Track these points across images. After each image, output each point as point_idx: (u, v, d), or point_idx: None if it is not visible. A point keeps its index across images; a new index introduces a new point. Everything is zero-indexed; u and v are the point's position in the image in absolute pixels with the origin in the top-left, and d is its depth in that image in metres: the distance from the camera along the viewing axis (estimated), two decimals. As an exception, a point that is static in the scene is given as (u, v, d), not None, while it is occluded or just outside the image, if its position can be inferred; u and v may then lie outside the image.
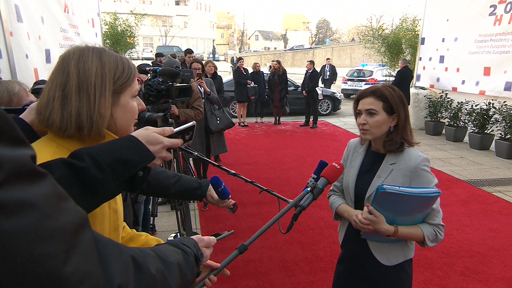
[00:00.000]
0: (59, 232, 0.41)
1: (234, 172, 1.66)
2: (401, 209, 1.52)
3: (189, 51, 6.83)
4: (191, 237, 0.93)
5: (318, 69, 10.12)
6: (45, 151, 0.87)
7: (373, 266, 1.67)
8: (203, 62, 6.06)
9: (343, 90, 16.48)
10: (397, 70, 11.41)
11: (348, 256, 1.81)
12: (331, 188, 1.91)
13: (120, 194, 1.07)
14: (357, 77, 16.84)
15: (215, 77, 6.53)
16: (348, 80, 16.93)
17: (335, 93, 12.67)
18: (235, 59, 19.08)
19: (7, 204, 0.36)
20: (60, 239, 0.41)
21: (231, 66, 25.97)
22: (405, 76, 9.80)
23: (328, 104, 12.41)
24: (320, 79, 13.14)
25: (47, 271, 0.39)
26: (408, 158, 1.62)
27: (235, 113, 10.45)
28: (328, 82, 15.33)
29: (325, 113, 12.33)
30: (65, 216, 0.43)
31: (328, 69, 15.43)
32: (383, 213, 1.51)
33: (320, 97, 10.67)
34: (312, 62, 10.01)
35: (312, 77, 9.64)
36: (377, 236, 1.59)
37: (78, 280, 0.42)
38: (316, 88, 9.86)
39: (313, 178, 1.28)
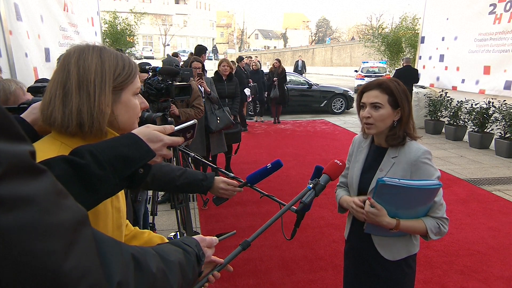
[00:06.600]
0: (59, 228, 0.41)
1: (233, 175, 1.68)
2: (403, 202, 1.52)
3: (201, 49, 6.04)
4: (193, 237, 0.93)
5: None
6: (49, 149, 0.87)
7: (377, 261, 1.68)
8: (218, 61, 5.87)
9: (359, 86, 16.49)
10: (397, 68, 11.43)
11: (353, 250, 1.83)
12: (338, 183, 1.93)
13: (123, 192, 1.08)
14: (374, 73, 16.93)
15: (231, 79, 5.56)
16: (365, 76, 17.00)
17: (348, 91, 12.34)
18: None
19: (6, 200, 0.36)
20: (60, 235, 0.41)
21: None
22: (403, 75, 9.78)
23: (342, 103, 12.13)
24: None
25: (47, 267, 0.39)
26: (408, 151, 1.61)
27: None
28: (299, 73, 17.34)
29: (338, 111, 12.03)
30: (64, 212, 0.43)
31: (300, 64, 20.06)
32: (385, 207, 1.51)
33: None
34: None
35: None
36: (380, 230, 1.59)
37: (78, 276, 0.42)
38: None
39: (310, 184, 1.28)
